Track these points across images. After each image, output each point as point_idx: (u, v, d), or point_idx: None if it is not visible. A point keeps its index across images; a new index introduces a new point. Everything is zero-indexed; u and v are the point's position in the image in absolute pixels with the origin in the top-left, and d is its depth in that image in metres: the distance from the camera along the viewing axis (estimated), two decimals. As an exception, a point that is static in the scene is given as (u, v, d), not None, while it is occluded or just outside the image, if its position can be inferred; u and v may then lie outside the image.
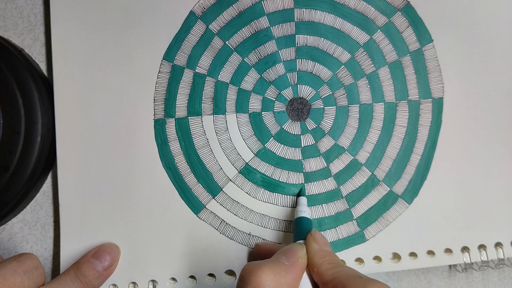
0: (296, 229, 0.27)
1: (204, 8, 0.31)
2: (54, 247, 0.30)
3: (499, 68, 0.31)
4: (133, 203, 0.29)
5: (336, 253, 0.29)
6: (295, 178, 0.30)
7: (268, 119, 0.31)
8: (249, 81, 0.31)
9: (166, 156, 0.30)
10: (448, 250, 0.30)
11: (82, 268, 0.26)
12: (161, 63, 0.30)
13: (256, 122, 0.30)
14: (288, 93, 0.31)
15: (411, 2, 0.31)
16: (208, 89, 0.30)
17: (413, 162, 0.30)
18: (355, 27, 0.31)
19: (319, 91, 0.31)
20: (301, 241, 0.25)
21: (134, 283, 0.29)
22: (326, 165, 0.30)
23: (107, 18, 0.30)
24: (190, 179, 0.30)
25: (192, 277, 0.29)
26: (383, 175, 0.30)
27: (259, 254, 0.29)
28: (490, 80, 0.31)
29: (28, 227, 0.30)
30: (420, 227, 0.30)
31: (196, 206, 0.30)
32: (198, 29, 0.30)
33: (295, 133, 0.31)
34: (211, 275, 0.29)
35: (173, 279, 0.29)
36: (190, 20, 0.30)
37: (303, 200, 0.29)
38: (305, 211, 0.28)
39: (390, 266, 0.30)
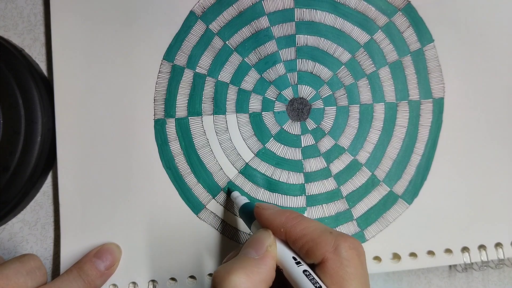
0: (247, 218, 0.25)
1: (204, 8, 0.30)
2: (54, 247, 0.30)
3: (499, 68, 0.31)
4: (133, 203, 0.29)
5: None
6: (295, 178, 0.30)
7: (268, 119, 0.31)
8: (249, 81, 0.30)
9: (166, 156, 0.30)
10: (448, 250, 0.30)
11: (84, 268, 0.26)
12: (161, 63, 0.30)
13: (256, 122, 0.30)
14: (288, 93, 0.31)
15: (412, 2, 0.31)
16: (208, 89, 0.30)
17: (413, 162, 0.30)
18: (355, 27, 0.31)
19: (319, 91, 0.31)
20: (265, 229, 0.22)
21: (134, 283, 0.29)
22: (326, 165, 0.30)
23: (107, 18, 0.30)
24: (190, 179, 0.30)
25: (192, 277, 0.29)
26: (383, 175, 0.30)
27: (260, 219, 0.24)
28: (490, 80, 0.31)
29: (28, 227, 0.30)
30: (420, 227, 0.30)
31: (196, 206, 0.30)
32: (198, 29, 0.30)
33: (295, 133, 0.31)
34: (211, 275, 0.29)
35: (173, 279, 0.29)
36: (190, 20, 0.30)
37: (236, 193, 0.29)
38: (244, 199, 0.28)
39: (390, 266, 0.30)
